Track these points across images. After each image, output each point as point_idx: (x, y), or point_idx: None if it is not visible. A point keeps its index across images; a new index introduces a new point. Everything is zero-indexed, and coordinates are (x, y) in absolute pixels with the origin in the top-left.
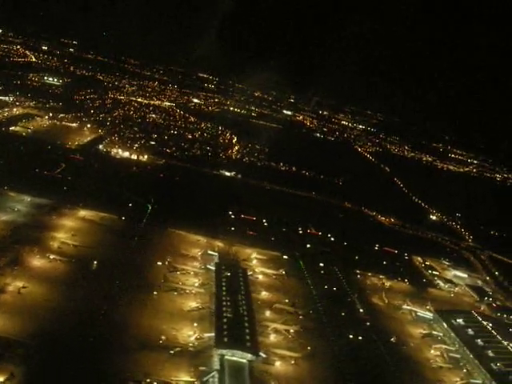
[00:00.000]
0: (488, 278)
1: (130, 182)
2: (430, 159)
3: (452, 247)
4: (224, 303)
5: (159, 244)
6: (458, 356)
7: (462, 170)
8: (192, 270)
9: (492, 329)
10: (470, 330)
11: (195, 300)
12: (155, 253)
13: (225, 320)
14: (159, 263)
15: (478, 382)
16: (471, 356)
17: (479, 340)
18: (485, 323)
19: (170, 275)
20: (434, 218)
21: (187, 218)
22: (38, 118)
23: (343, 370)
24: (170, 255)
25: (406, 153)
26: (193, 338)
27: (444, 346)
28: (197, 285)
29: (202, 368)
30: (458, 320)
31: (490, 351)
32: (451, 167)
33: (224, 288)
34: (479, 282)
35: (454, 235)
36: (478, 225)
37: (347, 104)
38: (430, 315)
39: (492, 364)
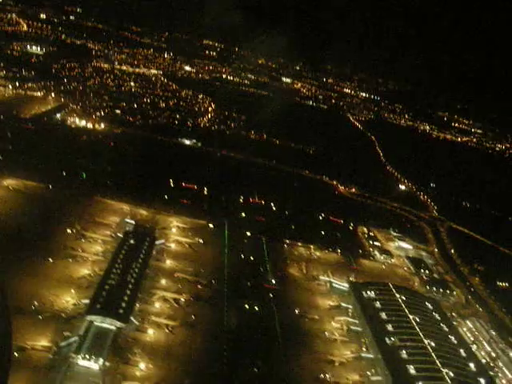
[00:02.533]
0: (436, 250)
1: (74, 151)
2: (427, 128)
3: (410, 218)
4: (114, 271)
5: (77, 212)
6: (360, 329)
7: (459, 139)
8: (101, 238)
9: (403, 302)
10: (378, 302)
11: (89, 268)
12: (69, 220)
13: (106, 287)
14: (69, 231)
15: (369, 356)
16: (369, 329)
17: (383, 313)
18: (397, 296)
19: (73, 243)
20: (403, 187)
21: (121, 186)
22: (1, 88)
23: (222, 341)
24: (83, 223)
25: (403, 122)
26: (69, 305)
27: (347, 319)
28: (99, 253)
29: (66, 333)
30: (368, 292)
31: (390, 325)
32: (449, 136)
33: (121, 256)
34: (423, 254)
35: (419, 206)
36: (451, 196)
37: (360, 72)
38: (345, 287)
39: (386, 338)
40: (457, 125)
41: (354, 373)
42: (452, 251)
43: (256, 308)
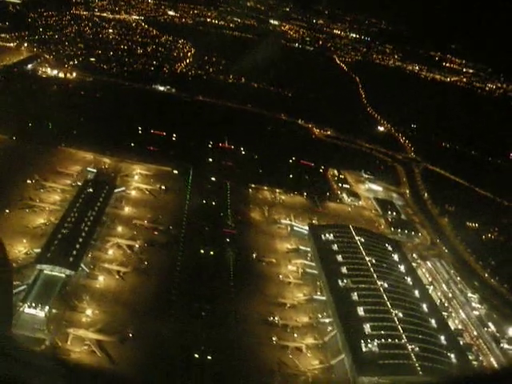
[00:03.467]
0: (407, 192)
1: (42, 102)
2: (416, 69)
3: (384, 160)
4: (68, 219)
5: (39, 162)
6: (316, 272)
7: (448, 79)
8: (60, 188)
9: (361, 245)
10: (335, 245)
11: (45, 217)
12: (29, 171)
13: (58, 236)
14: (28, 181)
15: (321, 298)
16: (323, 272)
17: (340, 256)
18: (356, 238)
19: (32, 193)
20: (381, 129)
21: (88, 135)
22: None
23: (173, 286)
24: (43, 173)
25: (391, 62)
26: (21, 254)
27: (304, 262)
28: (57, 202)
29: (16, 283)
30: (327, 235)
31: (344, 267)
32: (438, 76)
33: (77, 205)
34: (394, 196)
35: (395, 147)
36: (431, 137)
37: (352, 13)
38: (306, 230)
39: (339, 280)
40: (448, 64)
41: (304, 315)
42: (424, 192)
43: (211, 252)
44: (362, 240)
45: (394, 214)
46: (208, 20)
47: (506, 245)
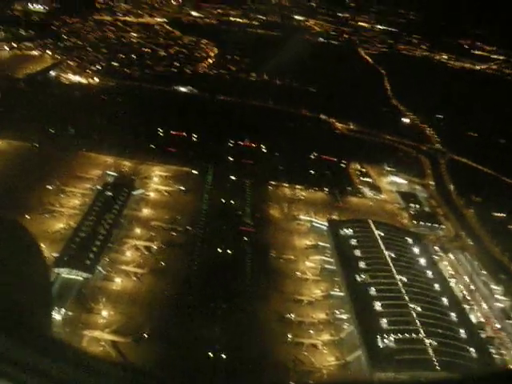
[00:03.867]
0: (432, 184)
1: (64, 108)
2: (444, 58)
3: (408, 152)
4: (86, 223)
5: (60, 168)
6: (334, 268)
7: (478, 67)
8: (80, 192)
9: (380, 239)
10: (354, 240)
11: (64, 222)
12: (50, 176)
13: (76, 239)
14: (49, 187)
15: (339, 293)
16: (341, 267)
17: (358, 250)
18: (376, 233)
19: (52, 198)
20: (406, 120)
21: (109, 139)
22: None
23: (189, 285)
24: (64, 178)
25: (418, 52)
26: None
27: (322, 258)
28: (76, 206)
29: None
30: (346, 230)
31: (363, 262)
32: (467, 65)
33: (96, 208)
34: (417, 188)
35: (420, 139)
36: (458, 127)
37: (379, 5)
38: (325, 225)
39: (357, 276)
40: (478, 52)
41: (320, 311)
42: (449, 184)
43: (229, 251)
44: (382, 234)
45: (417, 206)
46: (231, 19)
47: None
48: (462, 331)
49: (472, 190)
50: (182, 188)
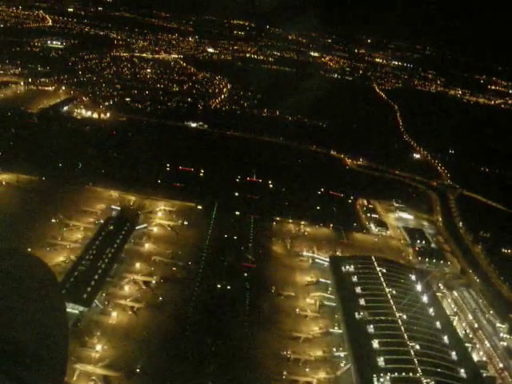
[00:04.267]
0: (440, 219)
1: (74, 142)
2: (459, 93)
3: (418, 187)
4: (86, 257)
5: (65, 202)
6: (334, 304)
7: (492, 102)
8: (83, 226)
9: (382, 275)
10: (355, 276)
11: (65, 255)
12: (55, 210)
13: (75, 273)
14: (53, 221)
15: (338, 331)
16: (341, 304)
17: (359, 287)
18: (378, 269)
19: (55, 232)
20: (417, 156)
21: (116, 173)
22: (13, 85)
23: (186, 321)
24: (68, 212)
25: (433, 88)
26: None
27: (323, 294)
28: (78, 240)
29: None
30: (347, 266)
31: (363, 299)
32: (481, 100)
33: (96, 242)
34: (425, 224)
35: (431, 174)
36: (469, 162)
37: (396, 40)
38: (327, 262)
39: (356, 313)
40: (493, 87)
41: (317, 349)
42: (458, 219)
43: (228, 287)
44: (384, 271)
45: (423, 242)
46: (247, 55)
47: None
48: (461, 370)
49: (482, 225)
50: (186, 223)
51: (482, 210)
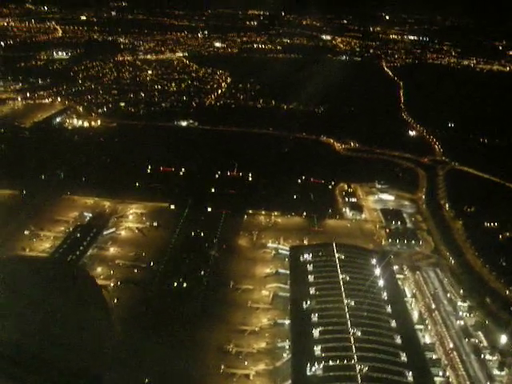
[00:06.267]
0: (423, 197)
1: (59, 153)
2: (473, 62)
3: (407, 166)
4: None
5: (40, 213)
6: (288, 295)
7: (508, 68)
8: (53, 236)
9: (340, 262)
10: (311, 265)
11: None
12: (28, 222)
13: None
14: (26, 232)
15: (285, 321)
16: (291, 294)
17: (311, 276)
18: (336, 256)
19: (26, 243)
20: (413, 133)
21: (96, 181)
22: (10, 102)
23: (139, 323)
24: (41, 223)
25: (446, 60)
26: None
27: (279, 285)
28: (46, 250)
29: None
30: (306, 255)
31: (313, 288)
32: (495, 67)
33: (61, 250)
34: (406, 204)
35: (424, 151)
36: (468, 135)
37: (417, 14)
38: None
39: (304, 302)
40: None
41: (262, 341)
42: (443, 196)
43: (185, 285)
44: (343, 257)
45: (399, 223)
46: (255, 46)
47: None
48: (403, 354)
49: (467, 200)
50: (155, 224)
51: (474, 183)
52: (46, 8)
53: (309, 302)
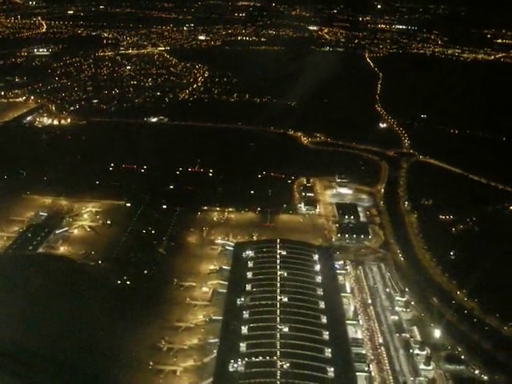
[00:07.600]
0: (382, 191)
1: (24, 152)
2: (458, 51)
3: (371, 158)
4: None
5: None
6: (225, 291)
7: (492, 57)
8: (6, 236)
9: (280, 258)
10: (252, 261)
11: None
12: None
13: None
14: None
15: (220, 318)
16: (227, 290)
17: (250, 273)
18: (277, 252)
19: None
20: (383, 125)
21: (58, 179)
22: None
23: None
24: None
25: (430, 49)
26: None
27: (220, 282)
28: None
29: None
30: (248, 251)
31: (250, 284)
32: (480, 56)
33: (10, 250)
34: (363, 197)
35: (392, 143)
36: (439, 126)
37: (409, 2)
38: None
39: (238, 299)
40: (500, 41)
41: (195, 337)
42: (402, 189)
43: (128, 283)
44: (284, 253)
45: (352, 218)
46: (239, 38)
47: (477, 236)
48: (327, 350)
49: (426, 192)
50: (108, 222)
51: (436, 176)
52: (34, 3)
53: (242, 299)
